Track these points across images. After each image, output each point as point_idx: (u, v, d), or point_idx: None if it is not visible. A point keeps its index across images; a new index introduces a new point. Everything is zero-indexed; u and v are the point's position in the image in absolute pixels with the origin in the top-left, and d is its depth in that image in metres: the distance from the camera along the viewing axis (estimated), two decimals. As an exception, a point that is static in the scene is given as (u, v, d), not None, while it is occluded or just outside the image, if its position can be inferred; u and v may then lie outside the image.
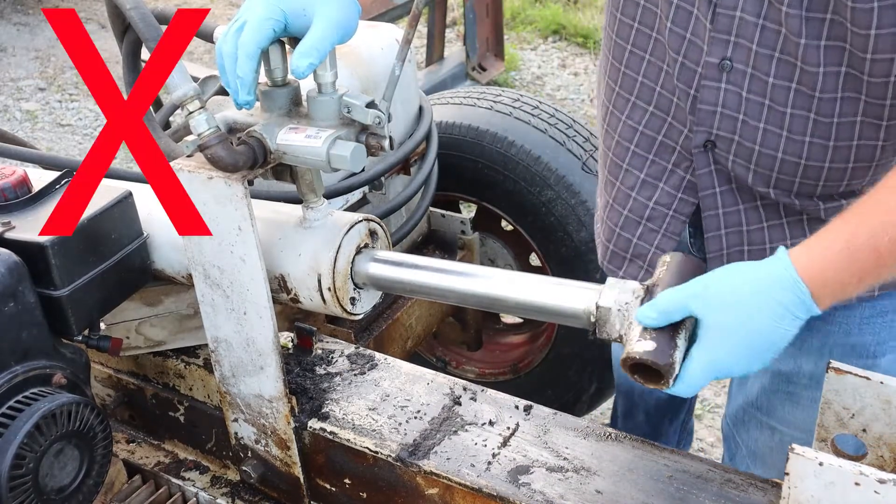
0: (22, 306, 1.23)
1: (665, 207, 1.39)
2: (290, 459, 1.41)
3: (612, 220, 1.46)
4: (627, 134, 1.38)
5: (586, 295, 1.11)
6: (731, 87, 1.22)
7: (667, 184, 1.37)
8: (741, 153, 1.26)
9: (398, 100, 2.01)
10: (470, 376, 2.76)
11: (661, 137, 1.34)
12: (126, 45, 1.55)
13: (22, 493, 1.18)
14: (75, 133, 5.11)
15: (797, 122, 1.19)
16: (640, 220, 1.42)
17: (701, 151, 1.30)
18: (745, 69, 1.19)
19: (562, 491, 1.19)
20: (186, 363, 1.55)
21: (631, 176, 1.40)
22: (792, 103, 1.18)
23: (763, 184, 1.28)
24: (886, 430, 1.15)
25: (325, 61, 1.17)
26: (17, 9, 6.64)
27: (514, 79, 5.39)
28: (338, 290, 1.28)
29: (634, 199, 1.41)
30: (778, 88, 1.18)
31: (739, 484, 1.18)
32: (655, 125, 1.34)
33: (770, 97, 1.19)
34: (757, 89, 1.20)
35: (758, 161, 1.25)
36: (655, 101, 1.33)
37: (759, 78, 1.19)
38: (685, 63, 1.25)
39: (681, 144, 1.33)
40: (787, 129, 1.20)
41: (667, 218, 1.39)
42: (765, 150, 1.24)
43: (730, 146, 1.27)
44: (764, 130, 1.22)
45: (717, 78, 1.23)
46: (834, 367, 1.15)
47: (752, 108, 1.21)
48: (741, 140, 1.25)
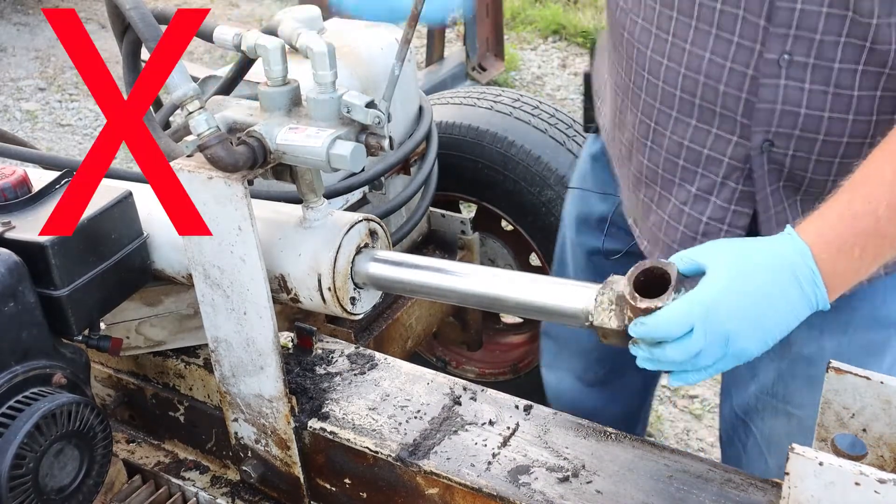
0: (22, 306, 1.23)
1: (719, 222, 1.37)
2: (290, 459, 1.41)
3: (670, 237, 1.44)
4: (674, 149, 1.36)
5: (585, 294, 1.12)
6: (792, 81, 1.20)
7: (718, 197, 1.35)
8: (802, 146, 1.24)
9: (398, 100, 2.01)
10: (470, 376, 2.76)
11: (708, 151, 1.32)
12: (126, 45, 1.55)
13: (22, 493, 1.18)
14: (75, 133, 5.11)
15: (864, 103, 1.18)
16: (696, 235, 1.40)
17: (758, 154, 1.28)
18: (807, 60, 1.18)
19: (562, 491, 1.19)
20: (186, 363, 1.55)
21: (683, 190, 1.38)
22: (859, 85, 1.17)
23: (825, 172, 1.26)
24: (886, 430, 1.15)
25: (325, 61, 1.18)
26: (17, 9, 6.65)
27: (514, 79, 5.39)
28: (338, 290, 1.28)
29: (689, 214, 1.39)
30: (844, 73, 1.17)
31: (739, 484, 1.18)
32: (701, 139, 1.32)
33: (835, 83, 1.18)
34: (820, 78, 1.18)
35: (821, 151, 1.24)
36: (697, 115, 1.31)
37: (823, 66, 1.18)
38: (734, 68, 1.23)
39: (729, 155, 1.31)
40: (854, 111, 1.19)
41: (721, 233, 1.37)
42: (829, 137, 1.22)
43: (789, 142, 1.25)
44: (829, 119, 1.20)
45: (777, 74, 1.20)
46: (834, 367, 1.15)
47: (815, 98, 1.20)
48: (802, 133, 1.23)
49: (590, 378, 1.91)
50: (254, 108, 1.27)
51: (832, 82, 1.18)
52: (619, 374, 1.89)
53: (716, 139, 1.30)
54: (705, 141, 1.31)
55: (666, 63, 1.29)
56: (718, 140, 1.30)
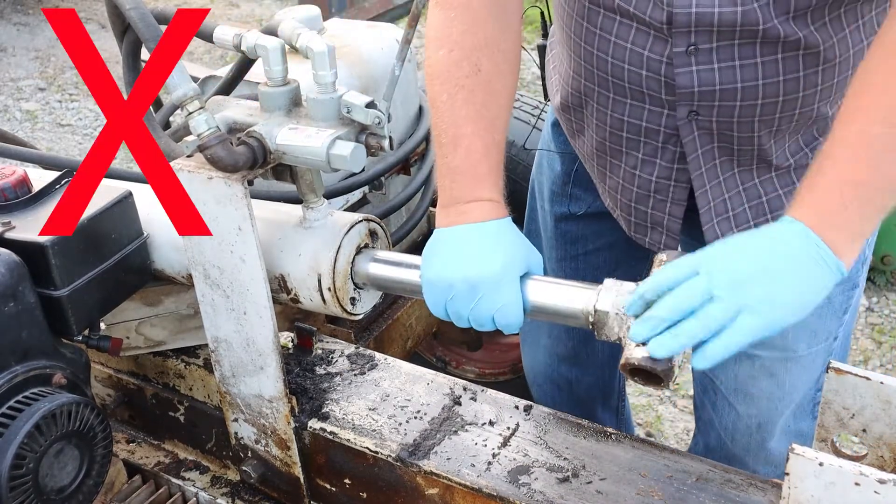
0: (22, 306, 1.24)
1: (666, 180, 1.49)
2: (290, 459, 1.41)
3: (626, 197, 1.56)
4: (616, 124, 1.48)
5: (585, 296, 1.12)
6: (702, 66, 1.31)
7: (662, 159, 1.47)
8: (724, 113, 1.36)
9: (398, 100, 2.01)
10: (470, 376, 2.76)
11: (645, 123, 1.44)
12: (126, 45, 1.55)
13: (22, 494, 1.18)
14: (75, 133, 5.11)
15: (769, 68, 1.29)
16: (649, 193, 1.52)
17: (685, 122, 1.39)
18: (711, 46, 1.29)
19: (562, 491, 1.19)
20: (186, 363, 1.55)
21: (631, 157, 1.51)
22: (760, 54, 1.28)
23: (748, 130, 1.38)
24: (886, 430, 1.15)
25: (325, 61, 1.18)
26: (17, 9, 6.65)
27: (514, 79, 5.38)
28: (338, 291, 1.28)
29: (639, 175, 1.52)
30: (744, 47, 1.28)
31: (739, 484, 1.18)
32: (637, 114, 1.44)
33: (739, 57, 1.29)
34: (726, 56, 1.29)
35: (740, 114, 1.35)
36: (630, 95, 1.42)
37: (726, 47, 1.28)
38: (651, 56, 1.34)
39: (664, 126, 1.42)
40: (762, 76, 1.30)
41: (670, 188, 1.50)
42: (745, 102, 1.33)
43: (711, 111, 1.36)
44: (742, 88, 1.31)
45: (688, 63, 1.31)
46: (834, 368, 1.15)
47: (725, 74, 1.31)
48: (722, 103, 1.34)
49: (561, 351, 1.97)
50: (254, 108, 1.27)
51: (736, 57, 1.29)
52: (586, 344, 1.95)
53: (650, 113, 1.42)
54: (641, 115, 1.43)
55: (596, 53, 1.40)
56: (652, 114, 1.42)
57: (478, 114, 1.25)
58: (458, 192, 1.24)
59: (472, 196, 1.23)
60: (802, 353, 1.58)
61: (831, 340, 1.60)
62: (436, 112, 1.27)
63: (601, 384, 2.03)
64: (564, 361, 1.98)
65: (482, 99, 1.26)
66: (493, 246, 1.19)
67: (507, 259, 1.17)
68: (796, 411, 1.67)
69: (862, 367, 1.80)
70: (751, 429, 1.68)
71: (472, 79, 1.25)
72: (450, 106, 1.25)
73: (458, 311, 1.20)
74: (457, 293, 1.18)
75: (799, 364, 1.60)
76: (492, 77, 1.27)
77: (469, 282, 1.16)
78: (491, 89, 1.27)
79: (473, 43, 1.27)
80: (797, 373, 1.61)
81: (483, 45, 1.27)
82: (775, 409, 1.65)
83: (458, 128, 1.24)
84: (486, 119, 1.26)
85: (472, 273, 1.16)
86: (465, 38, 1.27)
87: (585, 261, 1.81)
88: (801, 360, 1.59)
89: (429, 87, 1.28)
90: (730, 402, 1.68)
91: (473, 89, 1.25)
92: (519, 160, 2.36)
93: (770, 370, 1.59)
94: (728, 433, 1.72)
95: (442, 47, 1.27)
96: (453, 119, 1.25)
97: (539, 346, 2.02)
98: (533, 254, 1.22)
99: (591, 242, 1.75)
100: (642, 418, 3.04)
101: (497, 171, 1.26)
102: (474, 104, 1.25)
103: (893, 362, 3.20)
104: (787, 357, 1.58)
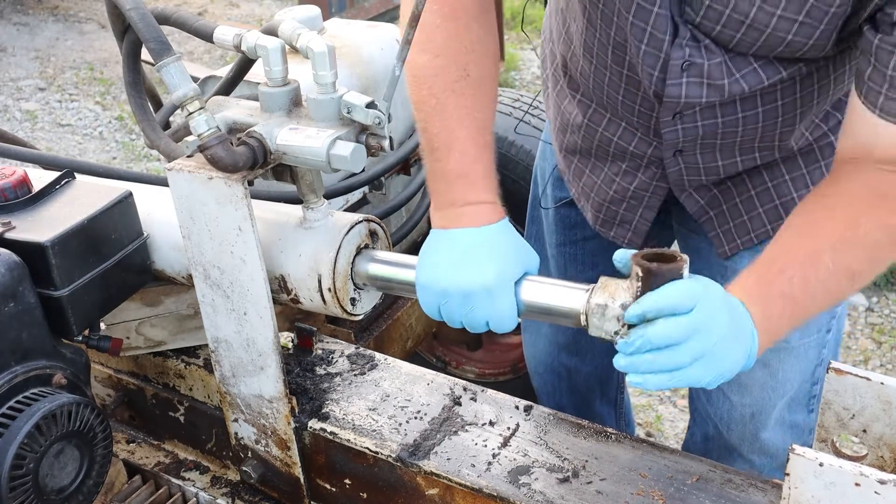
0: (22, 306, 1.24)
1: (644, 190, 1.58)
2: (291, 460, 1.41)
3: (601, 197, 1.64)
4: (605, 140, 1.55)
5: (578, 296, 1.12)
6: (687, 124, 1.40)
7: (644, 175, 1.55)
8: (707, 147, 1.45)
9: (398, 100, 2.00)
10: (470, 376, 2.76)
11: (632, 148, 1.52)
12: (126, 45, 1.55)
13: (22, 494, 1.18)
14: (75, 133, 5.11)
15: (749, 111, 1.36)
16: (624, 198, 1.60)
17: (671, 158, 1.48)
18: (694, 111, 1.36)
19: (562, 491, 1.19)
20: (186, 363, 1.55)
21: (615, 165, 1.58)
22: (741, 109, 1.35)
23: (730, 155, 1.46)
24: (886, 430, 1.15)
25: (325, 61, 1.18)
26: (17, 9, 6.65)
27: (514, 79, 5.39)
28: (338, 291, 1.28)
29: (619, 183, 1.59)
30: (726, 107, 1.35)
31: (739, 484, 1.18)
32: (627, 138, 1.52)
33: (721, 115, 1.37)
34: (709, 115, 1.37)
35: (722, 146, 1.44)
36: (624, 120, 1.49)
37: (707, 109, 1.35)
38: (641, 110, 1.42)
39: (650, 153, 1.50)
40: (742, 119, 1.37)
41: (646, 198, 1.59)
42: (726, 141, 1.43)
43: (695, 148, 1.45)
44: (723, 133, 1.40)
45: (673, 124, 1.40)
46: (834, 368, 1.15)
47: (708, 127, 1.39)
48: (704, 142, 1.43)
49: (561, 339, 1.98)
50: (254, 108, 1.27)
51: (719, 115, 1.37)
52: (585, 334, 1.95)
53: (639, 141, 1.50)
54: (631, 141, 1.51)
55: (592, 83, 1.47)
56: (641, 142, 1.50)
57: (469, 117, 1.26)
58: (453, 195, 1.24)
59: (469, 199, 1.24)
60: (795, 344, 1.61)
61: (824, 332, 1.62)
62: (423, 116, 1.28)
63: (599, 374, 2.04)
64: (564, 350, 1.99)
65: (472, 102, 1.27)
66: (489, 253, 1.19)
67: (502, 266, 1.18)
68: (790, 403, 1.68)
69: (862, 368, 1.80)
70: (745, 418, 1.70)
71: (461, 83, 1.26)
72: (440, 110, 1.26)
73: (451, 317, 1.21)
74: (451, 300, 1.19)
75: (792, 354, 1.62)
76: (479, 80, 1.28)
77: (463, 291, 1.17)
78: (479, 92, 1.28)
79: (459, 47, 1.28)
80: (790, 363, 1.63)
81: (469, 49, 1.28)
82: (768, 398, 1.66)
83: (450, 132, 1.25)
84: (477, 122, 1.27)
85: (466, 282, 1.17)
86: (451, 43, 1.28)
87: (584, 246, 1.84)
88: (793, 351, 1.62)
89: (414, 92, 1.29)
90: (723, 391, 1.69)
91: (463, 93, 1.26)
92: (518, 160, 2.36)
93: (763, 360, 1.61)
94: (724, 423, 1.73)
95: (426, 52, 1.27)
96: (444, 123, 1.26)
97: (540, 335, 2.04)
98: (530, 255, 1.22)
99: (588, 228, 1.76)
100: (642, 418, 3.04)
101: (490, 173, 1.27)
102: (465, 108, 1.26)
103: (893, 362, 3.20)
104: (780, 347, 1.60)
